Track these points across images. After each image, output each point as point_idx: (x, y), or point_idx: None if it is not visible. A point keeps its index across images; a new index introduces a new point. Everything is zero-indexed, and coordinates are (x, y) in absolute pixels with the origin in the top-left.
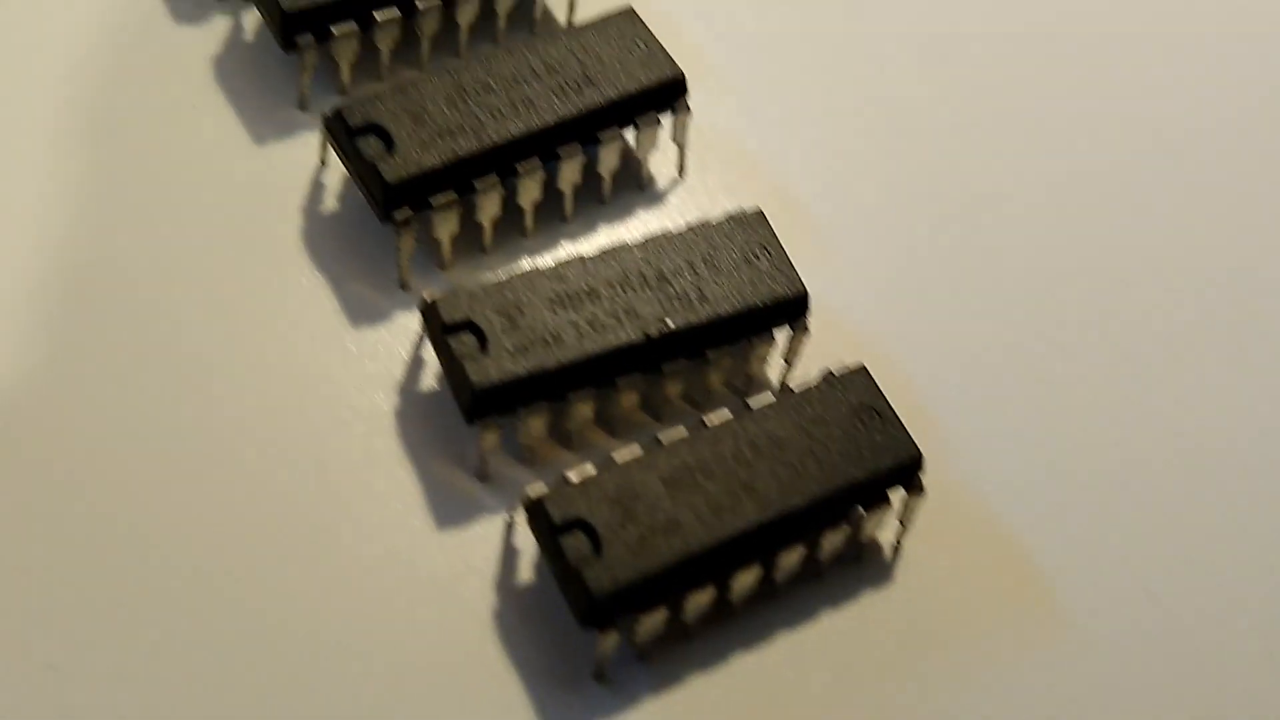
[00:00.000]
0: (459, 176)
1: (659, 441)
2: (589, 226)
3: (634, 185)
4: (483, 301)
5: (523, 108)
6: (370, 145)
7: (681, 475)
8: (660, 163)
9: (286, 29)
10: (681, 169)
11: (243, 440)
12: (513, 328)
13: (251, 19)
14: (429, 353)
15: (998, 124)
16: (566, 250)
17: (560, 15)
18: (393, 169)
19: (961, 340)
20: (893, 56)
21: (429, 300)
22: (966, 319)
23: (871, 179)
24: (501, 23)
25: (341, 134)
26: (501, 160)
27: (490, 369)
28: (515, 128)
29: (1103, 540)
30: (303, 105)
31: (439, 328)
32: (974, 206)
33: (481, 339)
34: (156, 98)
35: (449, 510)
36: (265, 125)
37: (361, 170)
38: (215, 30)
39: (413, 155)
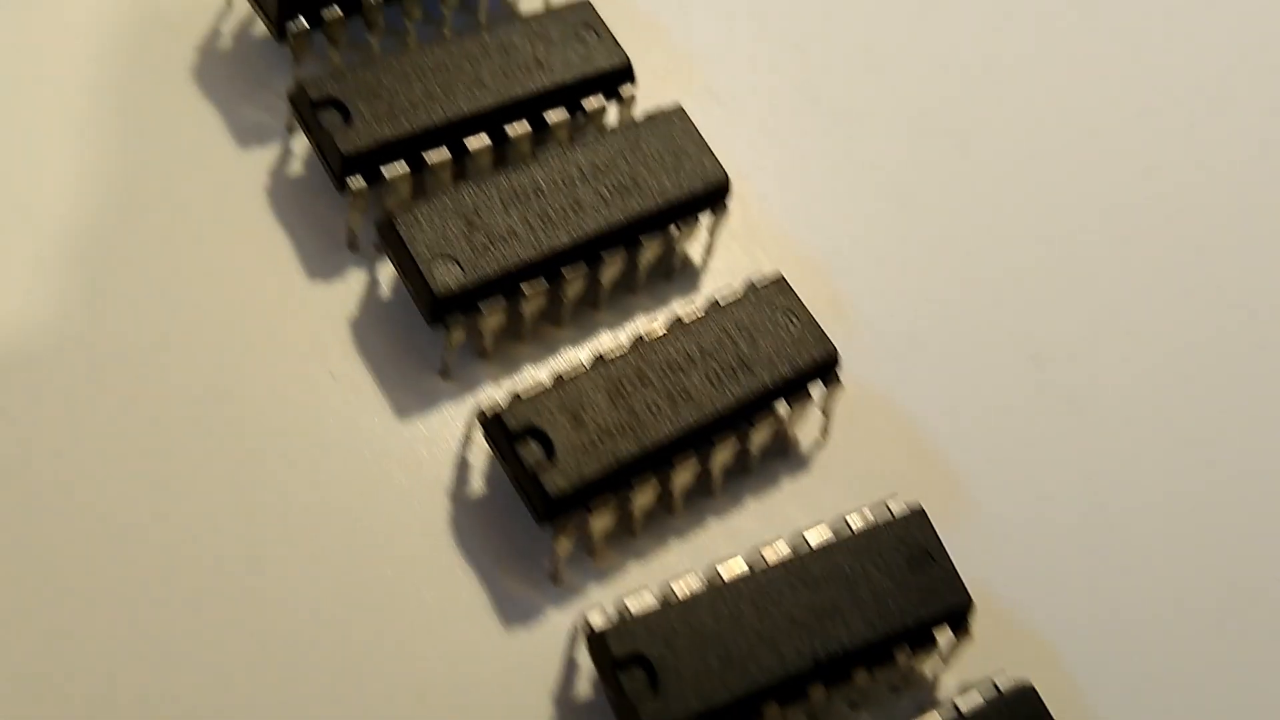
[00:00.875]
0: (619, 479)
1: None
2: (736, 501)
3: (780, 453)
4: (652, 630)
5: (681, 400)
6: (530, 451)
7: None
8: (804, 426)
9: (436, 310)
10: (826, 433)
11: None
12: (678, 660)
13: (386, 274)
14: (583, 656)
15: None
16: (715, 533)
17: (697, 257)
18: (555, 481)
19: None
20: (1053, 327)
21: (595, 630)
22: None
23: (1023, 444)
24: (642, 276)
25: (500, 437)
26: (660, 458)
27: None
28: (674, 426)
29: None
30: (445, 374)
31: (609, 662)
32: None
33: (651, 674)
34: (295, 362)
35: None
36: (407, 395)
37: (520, 474)
38: (352, 288)
39: (574, 465)
